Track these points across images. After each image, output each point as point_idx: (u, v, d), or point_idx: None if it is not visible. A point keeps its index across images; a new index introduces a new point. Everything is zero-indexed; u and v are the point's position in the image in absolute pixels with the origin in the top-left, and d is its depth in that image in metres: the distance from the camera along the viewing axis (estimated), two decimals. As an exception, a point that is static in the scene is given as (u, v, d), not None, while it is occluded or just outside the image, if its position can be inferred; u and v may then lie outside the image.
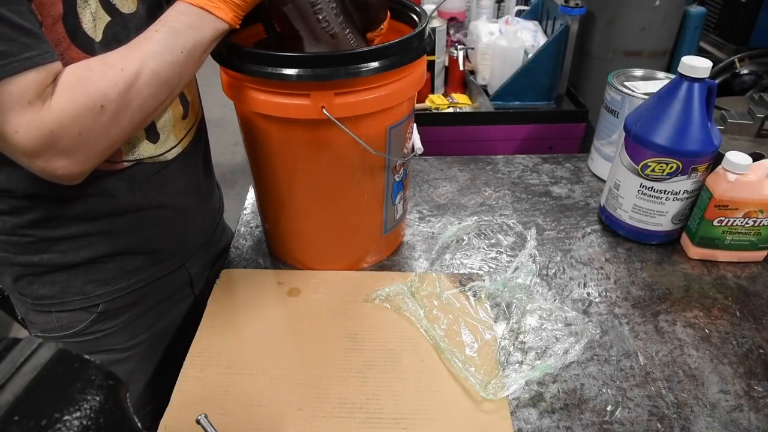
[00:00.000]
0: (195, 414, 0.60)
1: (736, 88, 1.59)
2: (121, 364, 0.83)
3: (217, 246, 0.97)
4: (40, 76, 0.52)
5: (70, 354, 0.30)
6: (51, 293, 0.74)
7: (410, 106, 0.76)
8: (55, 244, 0.71)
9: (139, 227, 0.75)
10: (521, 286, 0.81)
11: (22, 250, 0.71)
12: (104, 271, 0.75)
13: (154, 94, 0.57)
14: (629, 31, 1.46)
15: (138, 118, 0.58)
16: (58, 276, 0.73)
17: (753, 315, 0.78)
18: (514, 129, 1.34)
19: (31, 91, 0.51)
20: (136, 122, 0.58)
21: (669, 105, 0.81)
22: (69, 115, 0.52)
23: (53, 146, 0.53)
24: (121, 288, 0.78)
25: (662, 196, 0.84)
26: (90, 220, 0.71)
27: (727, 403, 0.66)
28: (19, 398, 0.27)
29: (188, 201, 0.82)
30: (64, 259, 0.72)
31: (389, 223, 0.84)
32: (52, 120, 0.52)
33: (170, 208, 0.78)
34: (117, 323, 0.80)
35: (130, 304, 0.80)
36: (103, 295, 0.76)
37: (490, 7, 1.64)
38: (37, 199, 0.67)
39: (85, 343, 0.79)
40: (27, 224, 0.69)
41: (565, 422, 0.64)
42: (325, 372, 0.69)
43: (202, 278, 0.92)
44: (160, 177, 0.74)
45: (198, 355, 0.71)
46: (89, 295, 0.76)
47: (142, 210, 0.74)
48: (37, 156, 0.53)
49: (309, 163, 0.74)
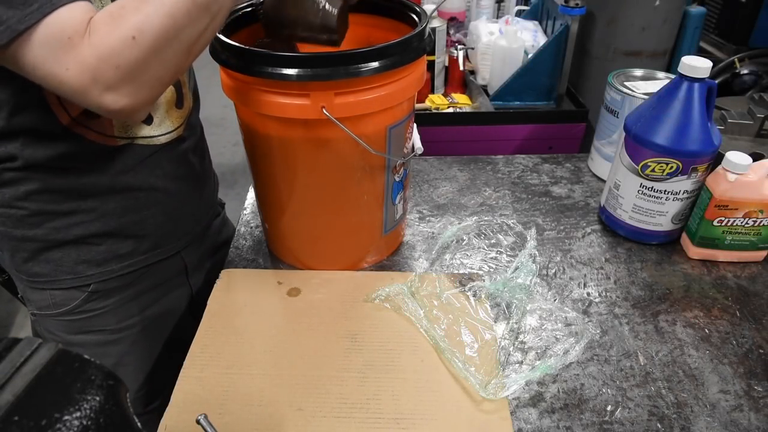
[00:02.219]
0: (195, 414, 0.60)
1: (736, 88, 1.59)
2: (113, 345, 0.84)
3: (216, 238, 0.98)
4: (75, 11, 0.53)
5: (70, 354, 0.30)
6: (45, 271, 0.77)
7: (410, 106, 0.76)
8: (48, 219, 0.73)
9: (130, 208, 0.77)
10: (521, 286, 0.81)
11: (18, 223, 0.73)
12: (95, 252, 0.77)
13: (193, 23, 0.56)
14: (629, 31, 1.46)
15: (178, 50, 0.56)
16: (51, 254, 0.76)
17: (753, 315, 0.78)
18: (514, 129, 1.34)
19: (69, 28, 0.52)
20: (178, 55, 0.57)
21: (669, 105, 0.81)
22: (104, 49, 0.53)
23: (98, 81, 0.54)
24: (112, 270, 0.79)
25: (662, 196, 0.84)
26: (82, 197, 0.73)
27: (727, 403, 0.66)
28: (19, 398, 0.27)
29: (179, 187, 0.83)
30: (57, 235, 0.75)
31: (389, 223, 0.84)
32: (91, 54, 0.53)
33: (161, 191, 0.79)
34: (108, 304, 0.81)
35: (121, 286, 0.82)
36: (94, 275, 0.78)
37: (490, 7, 1.64)
38: (35, 170, 0.69)
39: (78, 321, 0.81)
40: (23, 195, 0.71)
41: (565, 422, 0.64)
42: (325, 372, 0.69)
43: (200, 269, 0.94)
44: (152, 160, 0.76)
45: (198, 355, 0.71)
46: (80, 275, 0.78)
47: (132, 190, 0.76)
48: (87, 92, 0.55)
49: (309, 163, 0.74)
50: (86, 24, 0.53)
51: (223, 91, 0.73)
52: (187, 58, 0.58)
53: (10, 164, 0.69)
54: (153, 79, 0.57)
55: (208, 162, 0.94)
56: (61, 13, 0.52)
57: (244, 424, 0.63)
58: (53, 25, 0.52)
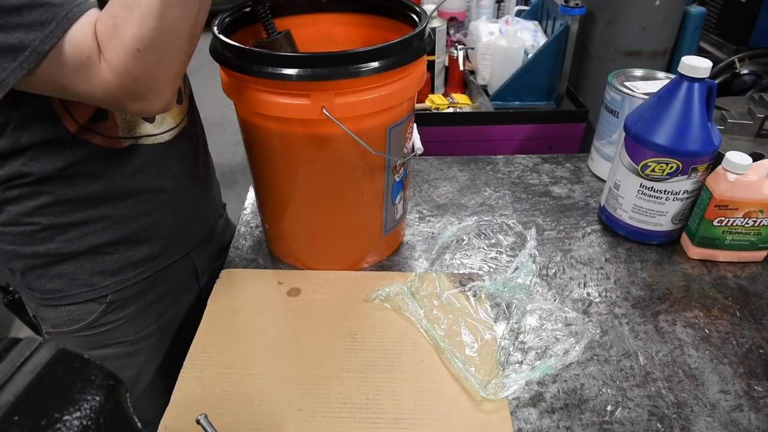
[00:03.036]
0: (195, 414, 0.60)
1: (736, 88, 1.59)
2: (133, 357, 0.83)
3: (222, 239, 0.98)
4: (85, 27, 0.54)
5: (70, 354, 0.30)
6: (59, 287, 0.75)
7: (410, 106, 0.76)
8: (60, 232, 0.72)
9: (141, 212, 0.77)
10: (521, 286, 0.81)
11: (28, 240, 0.72)
12: (109, 262, 0.76)
13: (184, 13, 0.55)
14: (629, 31, 1.46)
15: (179, 43, 0.57)
16: (65, 267, 0.74)
17: (753, 315, 0.78)
18: (514, 129, 1.34)
19: (85, 47, 0.54)
20: (184, 45, 0.57)
21: (669, 105, 0.81)
22: (119, 66, 0.54)
23: (125, 94, 0.57)
24: (127, 278, 0.79)
25: (662, 196, 0.84)
26: (93, 205, 0.72)
27: (727, 403, 0.66)
28: (19, 398, 0.27)
29: (186, 185, 0.83)
30: (69, 248, 0.73)
31: (389, 223, 0.84)
32: (110, 71, 0.55)
33: (169, 192, 0.79)
34: (126, 314, 0.80)
35: (137, 294, 0.81)
36: (110, 285, 0.77)
37: (490, 7, 1.64)
38: (44, 183, 0.68)
39: (96, 336, 0.79)
40: (31, 211, 0.70)
41: (565, 422, 0.64)
42: (325, 372, 0.69)
43: (207, 270, 0.94)
44: (158, 159, 0.76)
45: (198, 355, 0.71)
46: (96, 286, 0.77)
47: (142, 193, 0.76)
48: (121, 105, 0.58)
49: (309, 163, 0.74)
50: (95, 37, 0.54)
51: (223, 91, 0.73)
52: (192, 43, 0.59)
53: (18, 181, 0.67)
54: (171, 75, 0.59)
55: (211, 159, 0.94)
56: (75, 31, 0.53)
57: (244, 424, 0.63)
58: (71, 45, 0.53)
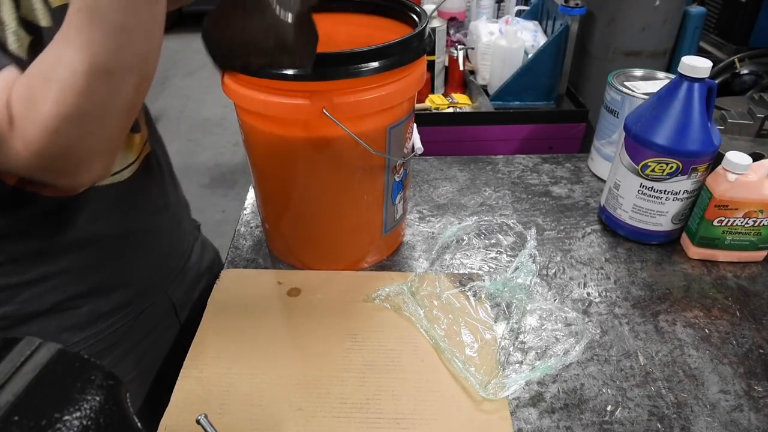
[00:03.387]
0: (195, 414, 0.60)
1: (736, 88, 1.59)
2: None
3: (198, 267, 0.90)
4: None
5: (70, 354, 0.30)
6: None
7: (410, 106, 0.76)
8: (18, 293, 0.64)
9: (107, 259, 0.69)
10: (521, 286, 0.81)
11: None
12: (77, 316, 0.69)
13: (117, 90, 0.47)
14: (629, 31, 1.46)
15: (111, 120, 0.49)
16: (29, 328, 0.66)
17: (753, 315, 0.78)
18: (514, 129, 1.34)
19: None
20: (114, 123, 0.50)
21: (669, 105, 0.81)
22: (35, 146, 0.46)
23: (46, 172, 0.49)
24: (99, 331, 0.72)
25: (662, 196, 0.84)
26: (51, 260, 0.65)
27: (727, 403, 0.66)
28: (19, 398, 0.27)
29: (157, 221, 0.76)
30: (30, 308, 0.66)
31: (389, 223, 0.84)
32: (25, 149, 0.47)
33: (139, 233, 0.73)
34: None
35: (111, 346, 0.74)
36: (80, 341, 0.70)
37: (490, 7, 1.64)
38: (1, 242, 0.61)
39: None
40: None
41: (565, 422, 0.64)
42: (325, 372, 0.69)
43: (188, 303, 0.87)
44: (120, 200, 0.68)
45: (198, 355, 0.71)
46: (66, 343, 0.69)
47: (108, 239, 0.68)
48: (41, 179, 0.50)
49: (309, 162, 0.74)
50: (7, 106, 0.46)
51: (223, 91, 0.73)
52: (131, 114, 0.51)
53: None
54: (102, 150, 0.51)
55: (177, 181, 0.85)
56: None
57: (244, 424, 0.63)
58: None
